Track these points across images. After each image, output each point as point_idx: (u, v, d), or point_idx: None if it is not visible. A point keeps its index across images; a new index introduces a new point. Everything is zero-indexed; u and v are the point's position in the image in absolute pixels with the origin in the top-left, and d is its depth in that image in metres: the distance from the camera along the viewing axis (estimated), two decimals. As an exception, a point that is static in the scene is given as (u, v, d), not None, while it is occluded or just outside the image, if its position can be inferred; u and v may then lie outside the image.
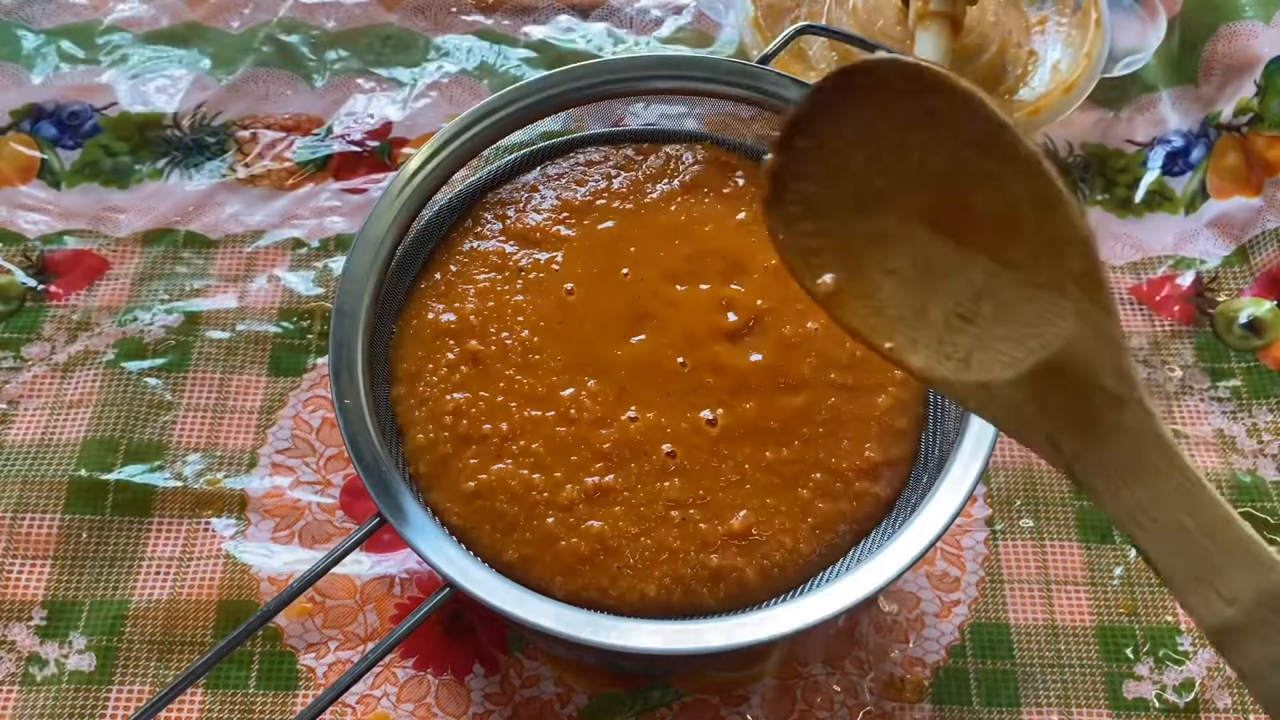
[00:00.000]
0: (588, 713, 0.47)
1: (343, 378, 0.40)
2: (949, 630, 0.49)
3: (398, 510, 0.37)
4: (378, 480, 0.38)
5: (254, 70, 0.66)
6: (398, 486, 0.38)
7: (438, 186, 0.45)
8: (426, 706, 0.47)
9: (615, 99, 0.48)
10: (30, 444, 0.53)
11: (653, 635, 0.36)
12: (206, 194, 0.61)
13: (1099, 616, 0.50)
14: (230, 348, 0.56)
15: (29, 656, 0.47)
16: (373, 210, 0.44)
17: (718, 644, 0.36)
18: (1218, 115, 0.64)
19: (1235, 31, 0.65)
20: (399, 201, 0.44)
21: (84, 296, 0.58)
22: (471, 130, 0.46)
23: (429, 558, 0.37)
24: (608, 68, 0.47)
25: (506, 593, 0.37)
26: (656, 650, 0.36)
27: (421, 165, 0.45)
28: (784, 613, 0.37)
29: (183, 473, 0.52)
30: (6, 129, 0.63)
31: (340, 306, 0.41)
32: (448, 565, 0.37)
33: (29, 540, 0.50)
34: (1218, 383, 0.56)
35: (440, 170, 0.45)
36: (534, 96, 0.47)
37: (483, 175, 0.47)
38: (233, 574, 0.49)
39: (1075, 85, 0.61)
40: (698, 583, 0.38)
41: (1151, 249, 0.61)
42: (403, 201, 0.44)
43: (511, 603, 0.36)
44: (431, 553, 0.37)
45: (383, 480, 0.38)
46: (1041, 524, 0.52)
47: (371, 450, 0.38)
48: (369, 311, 0.42)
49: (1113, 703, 0.48)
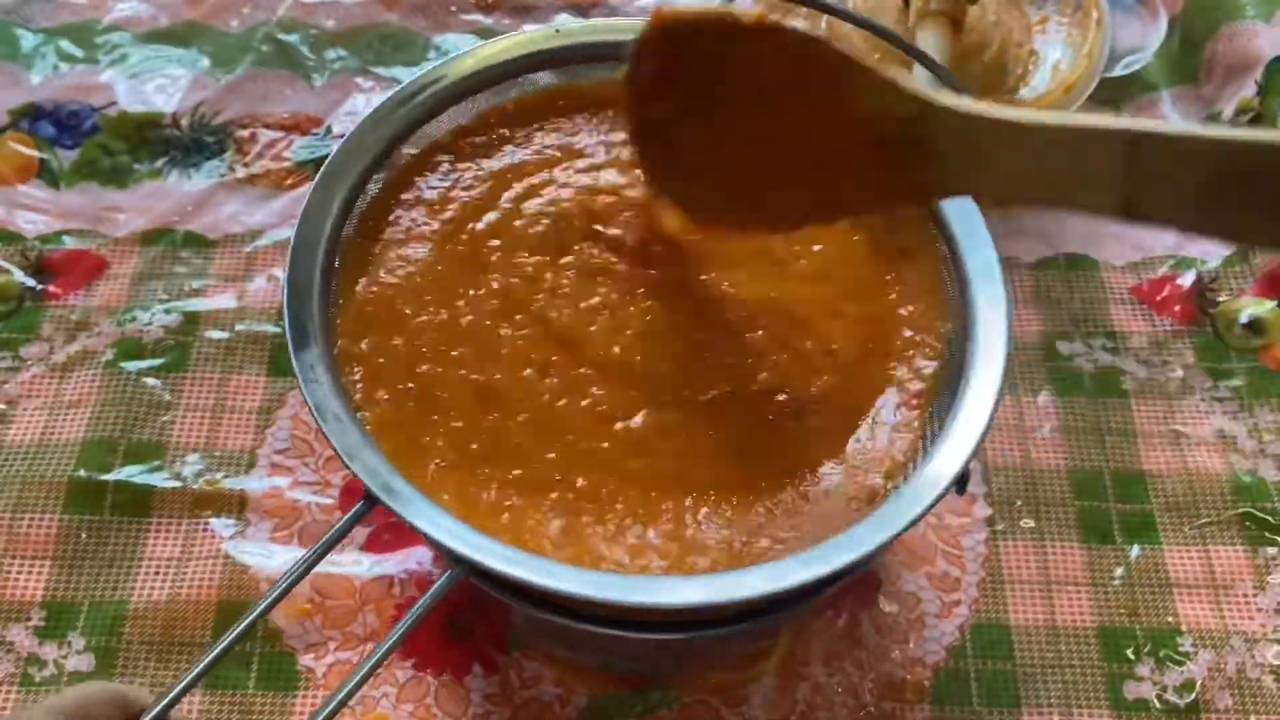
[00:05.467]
0: (588, 713, 0.47)
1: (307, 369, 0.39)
2: (949, 630, 0.49)
3: (392, 492, 0.36)
4: (371, 472, 0.36)
5: (253, 70, 0.66)
6: (388, 470, 0.37)
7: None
8: (426, 707, 0.47)
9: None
10: (29, 444, 0.53)
11: (698, 589, 0.35)
12: (206, 193, 0.61)
13: (1100, 617, 0.50)
14: (229, 348, 0.56)
15: (28, 657, 0.47)
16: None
17: (764, 589, 0.34)
18: (1219, 115, 0.64)
19: (1236, 31, 0.65)
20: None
21: (83, 296, 0.58)
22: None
23: (436, 537, 0.35)
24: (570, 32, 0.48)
25: (529, 563, 0.35)
26: (701, 603, 0.34)
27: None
28: (830, 548, 0.35)
29: (182, 473, 0.52)
30: (5, 128, 0.63)
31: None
32: (454, 540, 0.35)
33: (28, 540, 0.50)
34: (1219, 383, 0.56)
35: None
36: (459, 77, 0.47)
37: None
38: (232, 574, 0.49)
39: (1076, 85, 0.61)
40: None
41: (1152, 249, 0.61)
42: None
43: (537, 572, 0.34)
44: (437, 531, 0.35)
45: (375, 473, 0.36)
46: (1042, 524, 0.52)
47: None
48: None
49: (1113, 703, 0.48)
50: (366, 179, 0.44)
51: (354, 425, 0.37)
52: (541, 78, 0.49)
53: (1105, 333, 0.58)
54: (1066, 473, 0.53)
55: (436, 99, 0.46)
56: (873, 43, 0.61)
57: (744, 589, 0.34)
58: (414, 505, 0.36)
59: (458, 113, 0.47)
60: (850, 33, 0.61)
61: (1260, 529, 0.52)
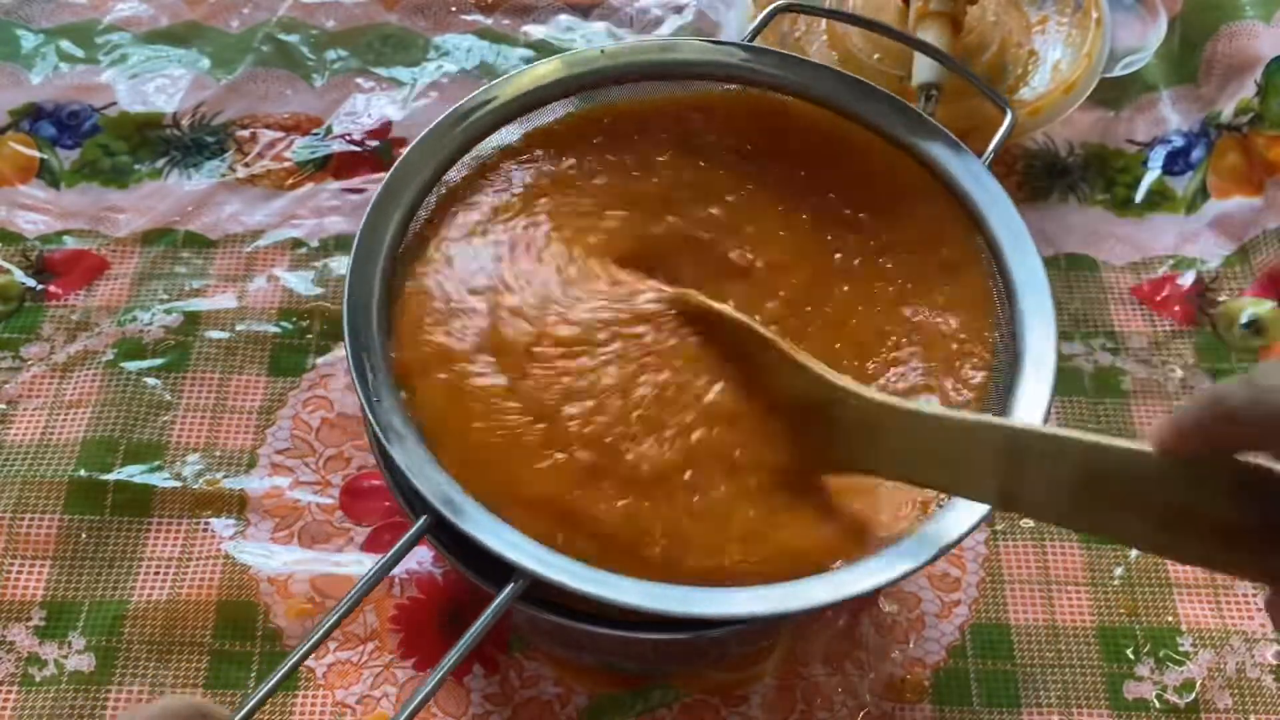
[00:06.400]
0: (588, 713, 0.47)
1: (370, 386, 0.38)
2: (949, 630, 0.49)
3: (452, 505, 0.36)
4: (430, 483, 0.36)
5: (253, 70, 0.66)
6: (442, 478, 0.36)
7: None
8: (426, 707, 0.47)
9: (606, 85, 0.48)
10: (29, 444, 0.53)
11: (755, 601, 0.35)
12: (206, 194, 0.61)
13: (1099, 617, 0.50)
14: (230, 348, 0.56)
15: (28, 657, 0.47)
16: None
17: (826, 598, 0.34)
18: (1218, 115, 0.64)
19: (1236, 31, 0.65)
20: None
21: (83, 296, 0.58)
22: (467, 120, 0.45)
23: (498, 550, 0.34)
24: (603, 56, 0.47)
25: (585, 574, 0.35)
26: (764, 614, 0.34)
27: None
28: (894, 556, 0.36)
29: (182, 473, 0.52)
30: (6, 128, 0.63)
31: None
32: (517, 554, 0.34)
33: (28, 540, 0.50)
34: (1219, 383, 0.56)
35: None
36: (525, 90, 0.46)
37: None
38: (232, 574, 0.49)
39: (1075, 85, 0.61)
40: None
41: (1152, 249, 0.61)
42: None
43: (594, 584, 0.34)
44: (498, 544, 0.35)
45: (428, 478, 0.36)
46: (1042, 524, 0.52)
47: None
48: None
49: (1113, 703, 0.48)
50: (421, 199, 0.44)
51: (419, 445, 0.37)
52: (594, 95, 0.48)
53: (1105, 333, 0.58)
54: (1066, 473, 0.53)
55: (490, 117, 0.46)
56: (874, 42, 0.61)
57: (808, 598, 0.35)
58: (478, 521, 0.35)
59: (506, 133, 0.47)
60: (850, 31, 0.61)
61: (1260, 529, 0.52)
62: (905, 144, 0.46)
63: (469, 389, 0.39)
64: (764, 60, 0.48)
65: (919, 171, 0.46)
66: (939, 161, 0.46)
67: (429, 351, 0.40)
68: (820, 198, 0.46)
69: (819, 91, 0.47)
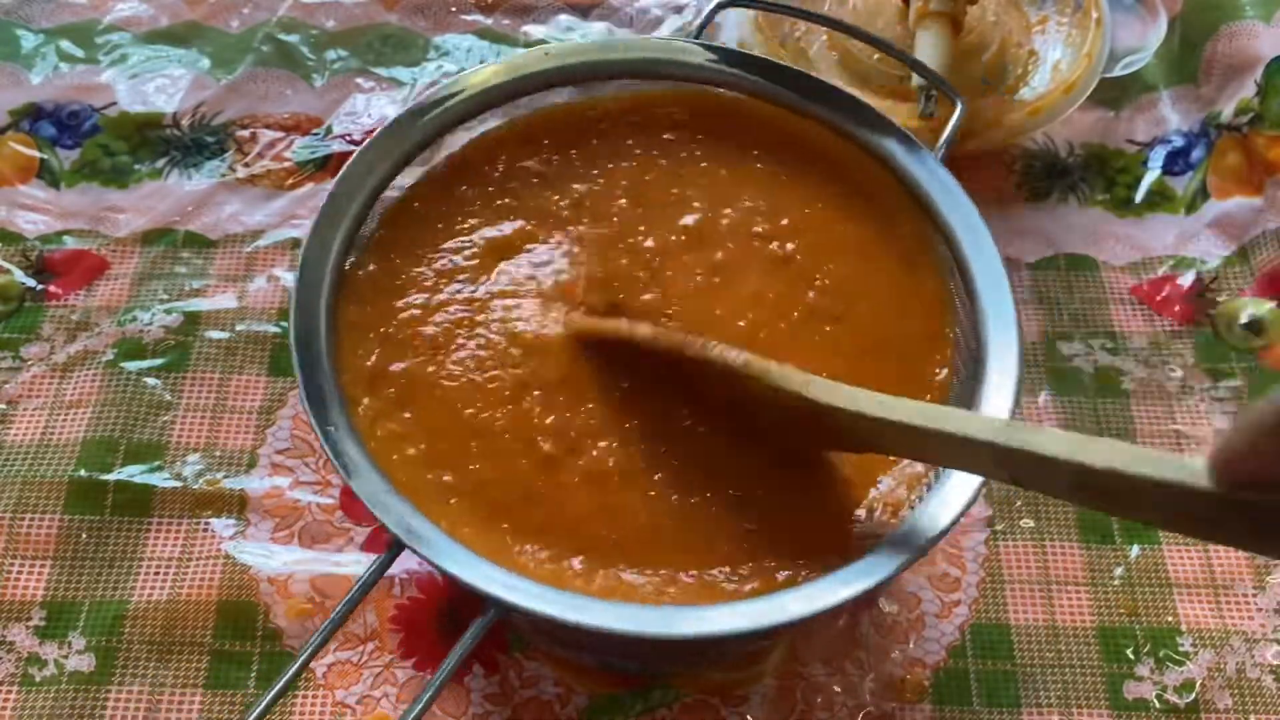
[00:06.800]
0: (588, 713, 0.47)
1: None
2: (949, 630, 0.49)
3: (412, 533, 0.36)
4: (384, 506, 0.36)
5: (253, 70, 0.66)
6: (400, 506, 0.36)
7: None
8: (426, 707, 0.47)
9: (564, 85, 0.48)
10: (29, 444, 0.53)
11: (734, 617, 0.35)
12: (206, 194, 0.61)
13: (1099, 617, 0.50)
14: (230, 348, 0.56)
15: (28, 657, 0.47)
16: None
17: (802, 611, 0.34)
18: (1218, 115, 0.64)
19: (1236, 31, 0.65)
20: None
21: (83, 296, 0.58)
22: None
23: (468, 581, 0.35)
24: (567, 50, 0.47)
25: (556, 599, 0.35)
26: (744, 630, 0.34)
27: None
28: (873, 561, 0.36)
29: (182, 473, 0.52)
30: (5, 128, 0.63)
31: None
32: (489, 585, 0.35)
33: (28, 540, 0.50)
34: (1218, 383, 0.56)
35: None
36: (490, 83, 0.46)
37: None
38: (232, 574, 0.49)
39: (1075, 85, 0.61)
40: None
41: (1152, 249, 0.61)
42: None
43: (570, 609, 0.35)
44: (468, 574, 0.35)
45: (384, 503, 0.36)
46: (1042, 524, 0.52)
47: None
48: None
49: (1113, 703, 0.48)
50: (363, 216, 0.44)
51: (374, 469, 0.37)
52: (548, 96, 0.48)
53: (1105, 333, 0.58)
54: (1066, 473, 0.53)
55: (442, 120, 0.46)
56: (868, 50, 0.61)
57: (784, 613, 0.35)
58: (443, 550, 0.36)
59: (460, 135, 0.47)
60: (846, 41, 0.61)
61: (1260, 529, 0.52)
62: (857, 138, 0.46)
63: (427, 395, 0.40)
64: (715, 56, 0.47)
65: (871, 165, 0.46)
66: (893, 156, 0.45)
67: (376, 369, 0.41)
68: (768, 195, 0.46)
69: (769, 87, 0.47)
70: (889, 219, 0.45)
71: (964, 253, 0.42)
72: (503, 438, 0.39)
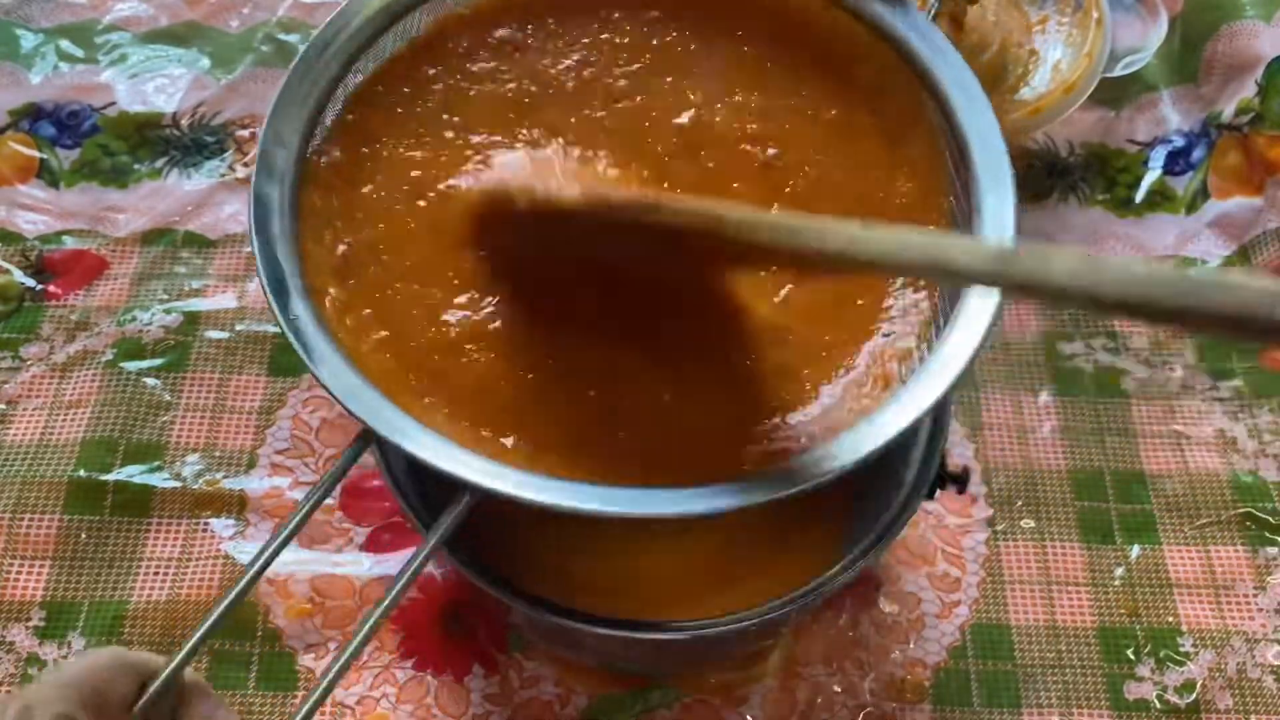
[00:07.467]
0: (588, 713, 0.47)
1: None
2: (950, 631, 0.49)
3: (384, 421, 0.34)
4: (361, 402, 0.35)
5: (253, 69, 0.66)
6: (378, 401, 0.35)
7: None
8: (426, 707, 0.47)
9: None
10: (29, 444, 0.53)
11: (710, 497, 0.33)
12: (205, 193, 0.61)
13: (1100, 617, 0.50)
14: (229, 348, 0.56)
15: (28, 657, 0.47)
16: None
17: (803, 482, 0.33)
18: (1219, 115, 0.64)
19: (1236, 31, 0.65)
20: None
21: (83, 296, 0.58)
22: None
23: (441, 466, 0.33)
24: None
25: (531, 481, 0.33)
26: (729, 507, 0.33)
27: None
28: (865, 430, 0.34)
29: (182, 473, 0.52)
30: (5, 128, 0.63)
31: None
32: (467, 470, 0.33)
33: (28, 541, 0.50)
34: (1219, 383, 0.56)
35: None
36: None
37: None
38: (232, 574, 0.49)
39: (1076, 85, 0.61)
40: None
41: (1153, 249, 0.61)
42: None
43: (541, 491, 0.33)
44: (442, 460, 0.34)
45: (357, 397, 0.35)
46: (1042, 524, 0.52)
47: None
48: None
49: (1114, 703, 0.48)
50: (329, 94, 0.43)
51: (346, 363, 0.36)
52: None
53: (1105, 333, 0.58)
54: (1067, 473, 0.53)
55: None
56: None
57: (778, 486, 0.33)
58: (414, 436, 0.34)
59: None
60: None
61: (1260, 529, 0.52)
62: (845, 3, 0.44)
63: (391, 295, 0.39)
64: None
65: (859, 28, 0.44)
66: (880, 17, 0.44)
67: (341, 260, 0.39)
68: (756, 58, 0.44)
69: None
70: (879, 89, 0.44)
71: (958, 118, 0.41)
72: (469, 329, 0.38)
